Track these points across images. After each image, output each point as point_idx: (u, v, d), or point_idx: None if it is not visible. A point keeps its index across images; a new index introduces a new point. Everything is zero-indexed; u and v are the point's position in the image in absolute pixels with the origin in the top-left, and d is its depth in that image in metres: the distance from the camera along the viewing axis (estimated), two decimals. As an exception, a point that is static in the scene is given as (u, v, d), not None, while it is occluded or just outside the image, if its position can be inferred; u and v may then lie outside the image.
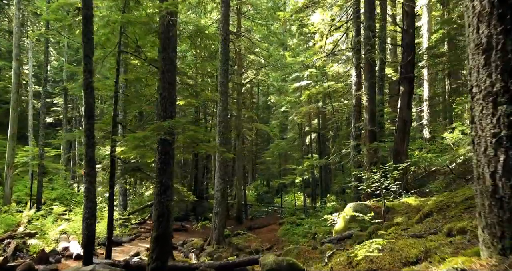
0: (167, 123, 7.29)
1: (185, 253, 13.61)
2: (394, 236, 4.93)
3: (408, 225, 6.76)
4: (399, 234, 5.20)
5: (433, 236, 4.44)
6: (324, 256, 6.21)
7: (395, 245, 4.30)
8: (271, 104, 35.95)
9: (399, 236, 5.00)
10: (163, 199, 7.59)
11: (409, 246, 4.00)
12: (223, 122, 15.12)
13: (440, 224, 5.34)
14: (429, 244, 3.87)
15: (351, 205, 9.65)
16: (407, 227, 5.94)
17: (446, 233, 4.04)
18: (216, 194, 15.04)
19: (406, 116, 13.29)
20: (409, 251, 3.82)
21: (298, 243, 16.11)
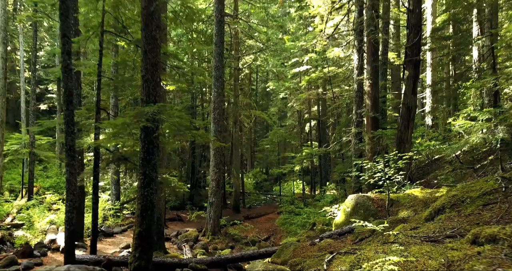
0: (149, 108, 6.52)
1: (179, 244, 13.00)
2: (404, 239, 4.22)
3: (417, 222, 6.05)
4: (408, 236, 4.49)
5: (453, 241, 3.73)
6: (323, 260, 5.51)
7: (406, 252, 3.59)
8: (270, 91, 35.03)
9: (409, 238, 4.29)
10: (146, 192, 6.87)
11: (425, 256, 3.28)
12: (218, 109, 14.34)
13: (456, 223, 4.62)
14: (451, 254, 3.15)
15: (352, 197, 8.95)
16: (417, 225, 5.23)
17: (470, 240, 3.32)
18: (211, 184, 14.36)
19: (410, 102, 12.48)
20: (426, 263, 3.10)
21: (296, 233, 15.52)
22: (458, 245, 3.38)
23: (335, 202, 16.58)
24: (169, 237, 13.84)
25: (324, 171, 26.09)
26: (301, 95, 22.15)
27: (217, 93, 14.28)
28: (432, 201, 7.51)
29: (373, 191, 9.71)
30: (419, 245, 3.70)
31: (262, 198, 27.74)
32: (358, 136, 13.10)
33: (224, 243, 13.88)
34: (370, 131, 12.53)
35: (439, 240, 3.88)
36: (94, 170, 9.11)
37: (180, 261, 8.36)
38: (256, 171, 32.93)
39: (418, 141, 17.62)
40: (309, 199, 19.50)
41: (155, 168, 7.02)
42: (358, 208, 8.59)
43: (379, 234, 6.65)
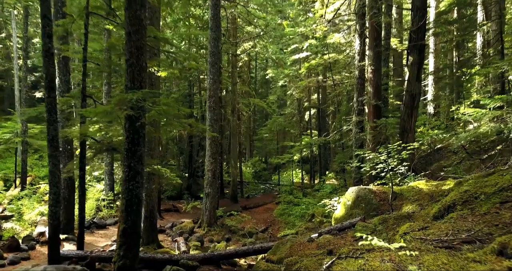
0: (132, 95, 5.92)
1: (173, 237, 12.56)
2: (414, 243, 3.69)
3: (423, 219, 5.52)
4: (418, 239, 3.96)
5: (472, 249, 3.19)
6: (322, 260, 5.00)
7: (418, 262, 3.05)
8: (269, 79, 34.30)
9: (419, 243, 3.76)
10: (132, 186, 6.33)
11: (442, 269, 2.75)
12: (213, 97, 13.73)
13: (471, 224, 4.08)
14: (473, 267, 2.61)
15: (353, 190, 8.42)
16: (425, 224, 4.69)
17: (496, 250, 2.78)
18: (207, 174, 13.84)
19: (414, 89, 11.86)
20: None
21: (294, 225, 15.08)
22: (480, 255, 2.84)
23: (335, 193, 16.12)
24: (164, 229, 13.39)
25: (323, 160, 25.60)
26: (301, 83, 21.48)
27: (213, 80, 13.64)
28: (439, 195, 6.99)
29: (374, 183, 9.18)
30: (433, 253, 3.16)
31: (261, 187, 27.29)
32: (359, 124, 12.52)
33: (221, 235, 13.43)
34: (372, 120, 11.95)
35: (455, 246, 3.35)
36: (80, 161, 8.57)
37: (171, 257, 7.88)
38: (255, 160, 32.44)
39: (420, 130, 17.03)
40: (308, 189, 19.03)
41: (141, 160, 6.46)
42: (359, 202, 8.07)
43: (382, 231, 6.14)
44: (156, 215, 11.11)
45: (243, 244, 12.77)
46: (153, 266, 7.89)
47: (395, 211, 7.24)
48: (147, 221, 10.80)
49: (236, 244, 12.99)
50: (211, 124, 13.66)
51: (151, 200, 10.88)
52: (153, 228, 10.94)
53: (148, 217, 10.80)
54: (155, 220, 11.06)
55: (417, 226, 4.71)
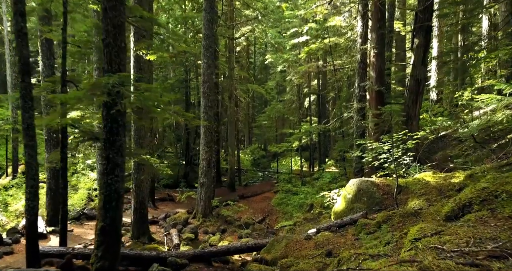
0: (107, 79, 5.23)
1: (166, 228, 12.01)
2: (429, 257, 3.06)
3: (433, 218, 4.91)
4: (432, 248, 3.34)
5: (505, 268, 2.57)
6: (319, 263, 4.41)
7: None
8: (268, 64, 33.38)
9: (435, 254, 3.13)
10: (110, 180, 5.70)
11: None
12: (208, 82, 13.00)
13: (494, 230, 3.45)
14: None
15: (354, 182, 7.80)
16: (439, 227, 4.05)
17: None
18: (201, 163, 13.22)
19: (420, 74, 11.14)
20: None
21: (292, 215, 14.54)
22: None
23: (334, 182, 15.53)
24: (157, 220, 12.84)
25: (323, 147, 24.97)
26: (301, 68, 20.67)
27: (207, 64, 12.89)
28: (449, 189, 6.36)
29: (377, 174, 8.55)
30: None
31: (259, 175, 26.75)
32: (360, 111, 11.83)
33: (216, 226, 12.89)
34: (375, 107, 11.26)
35: (482, 264, 2.72)
36: (61, 150, 7.93)
37: (159, 254, 7.31)
38: (254, 147, 31.83)
39: (423, 117, 16.33)
40: (307, 177, 18.45)
41: (121, 151, 5.81)
42: (361, 195, 7.45)
43: (387, 231, 5.53)
44: (146, 206, 10.53)
45: (239, 236, 12.26)
46: (139, 263, 7.34)
47: (400, 206, 6.62)
48: (137, 213, 10.24)
49: (232, 235, 12.47)
50: (205, 112, 12.97)
51: (141, 191, 10.28)
52: (143, 220, 10.38)
53: (138, 209, 10.23)
54: (146, 212, 10.49)
55: (430, 230, 4.07)
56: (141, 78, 10.15)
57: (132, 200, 10.35)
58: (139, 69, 10.10)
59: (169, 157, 28.46)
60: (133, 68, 10.12)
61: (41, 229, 10.21)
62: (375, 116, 11.05)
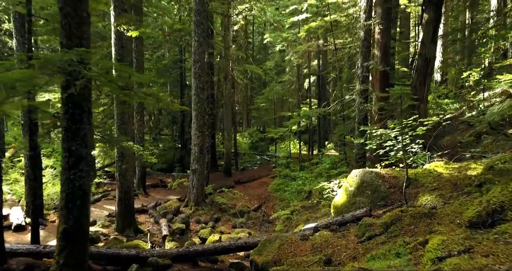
0: (62, 56, 4.29)
1: (156, 218, 11.27)
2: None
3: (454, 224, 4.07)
4: None
5: None
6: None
7: None
8: (267, 44, 32.08)
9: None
10: (73, 176, 4.84)
11: None
12: (199, 62, 12.00)
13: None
14: None
15: (356, 173, 6.95)
16: (466, 242, 3.21)
17: None
18: (193, 149, 12.38)
19: (429, 52, 10.15)
20: None
21: (290, 202, 13.79)
22: None
23: (334, 167, 14.73)
24: (146, 209, 12.09)
25: (323, 130, 24.05)
26: (300, 47, 19.53)
27: (198, 42, 11.85)
28: (466, 184, 5.50)
29: (381, 163, 7.67)
30: None
31: (257, 158, 25.97)
32: (363, 94, 10.86)
33: (209, 214, 12.16)
34: (379, 89, 10.30)
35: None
36: (30, 138, 7.05)
37: (139, 253, 6.54)
38: (252, 130, 30.91)
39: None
40: (306, 162, 17.63)
41: (85, 141, 4.92)
42: (364, 188, 6.61)
43: (396, 235, 4.71)
44: (132, 196, 9.74)
45: (233, 225, 11.55)
46: (118, 262, 6.58)
47: (409, 201, 5.78)
48: (121, 204, 9.45)
49: (226, 224, 11.75)
50: (196, 94, 12.02)
51: (126, 180, 9.46)
52: (129, 211, 9.61)
53: (122, 199, 9.45)
54: (131, 202, 9.70)
55: (454, 244, 3.23)
56: (123, 58, 9.19)
57: (116, 190, 9.55)
58: (121, 47, 9.11)
59: (165, 139, 27.62)
60: (115, 46, 9.12)
61: (19, 221, 9.46)
62: (380, 99, 10.12)
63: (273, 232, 11.22)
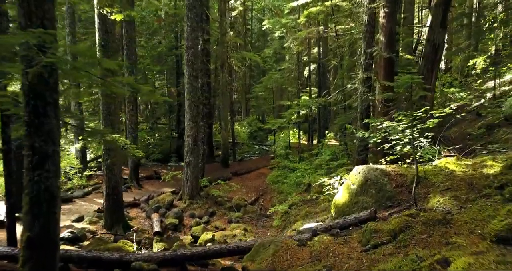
0: (17, 39, 3.62)
1: (148, 212, 10.71)
2: None
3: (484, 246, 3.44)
4: None
5: None
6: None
7: None
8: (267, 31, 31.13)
9: None
10: (38, 176, 4.19)
11: None
12: (192, 48, 11.26)
13: None
14: None
15: (359, 170, 6.32)
16: (499, 268, 2.62)
17: None
18: (187, 140, 11.75)
19: (438, 38, 9.43)
20: None
21: (288, 195, 13.23)
22: None
23: (335, 159, 14.11)
24: (138, 203, 11.53)
25: (323, 119, 23.35)
26: (300, 34, 18.70)
27: (191, 28, 11.10)
28: (485, 185, 4.88)
29: (386, 158, 7.02)
30: None
31: (256, 148, 25.37)
32: (366, 82, 10.17)
33: (204, 208, 11.61)
34: (384, 76, 9.60)
35: None
36: (2, 131, 6.41)
37: (121, 257, 5.96)
38: (251, 119, 30.19)
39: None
40: (305, 153, 17.02)
41: (52, 138, 4.26)
42: (368, 186, 5.99)
43: (407, 246, 4.10)
44: (120, 191, 9.14)
45: (228, 220, 11.00)
46: (99, 266, 6.02)
47: (419, 202, 5.17)
48: (109, 199, 8.86)
49: (221, 219, 11.20)
50: (189, 82, 11.33)
51: (114, 174, 8.85)
52: (117, 207, 9.02)
53: (110, 195, 8.85)
54: (120, 197, 9.10)
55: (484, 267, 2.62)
56: (108, 43, 8.48)
57: (103, 185, 8.95)
58: (106, 32, 8.38)
59: (162, 129, 26.94)
60: (98, 31, 8.40)
61: (1, 217, 8.90)
62: (384, 88, 9.43)
63: (270, 227, 10.69)
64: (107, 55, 8.50)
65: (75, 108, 13.29)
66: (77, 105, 13.42)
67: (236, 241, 7.49)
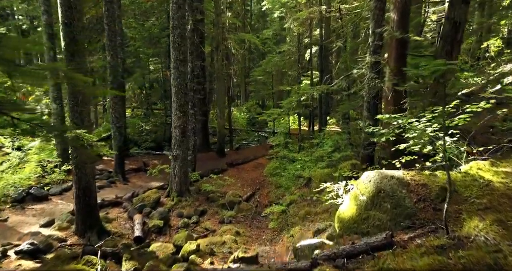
0: None
1: (131, 213, 9.55)
2: None
3: None
4: None
5: None
6: None
7: None
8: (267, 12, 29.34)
9: None
10: None
11: None
12: (178, 28, 9.86)
13: None
14: None
15: (370, 177, 5.06)
16: None
17: None
18: (174, 132, 10.49)
19: (459, 15, 7.99)
20: None
21: (287, 190, 12.06)
22: None
23: (337, 151, 12.84)
24: (121, 201, 10.34)
25: (324, 105, 21.95)
26: (300, 14, 17.13)
27: (177, 4, 9.67)
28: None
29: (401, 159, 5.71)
30: None
31: (255, 135, 24.10)
32: (375, 67, 8.79)
33: (193, 206, 10.45)
34: (395, 60, 8.23)
35: None
36: None
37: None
38: (250, 104, 28.82)
39: None
40: (305, 143, 15.73)
41: None
42: (382, 199, 4.75)
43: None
44: (94, 191, 7.92)
45: (220, 220, 9.87)
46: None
47: (450, 225, 3.92)
48: (80, 202, 7.67)
49: (212, 218, 10.05)
50: (176, 67, 9.97)
51: (85, 173, 7.63)
52: (90, 210, 7.83)
53: (81, 197, 7.65)
54: (93, 199, 7.90)
55: None
56: (73, 22, 7.11)
57: (73, 186, 7.74)
58: (69, 8, 6.99)
59: (158, 114, 25.62)
60: (60, 7, 7.02)
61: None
62: (395, 73, 8.07)
63: (266, 229, 9.54)
64: (71, 36, 7.16)
65: (51, 101, 11.95)
66: (57, 98, 12.01)
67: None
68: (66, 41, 7.19)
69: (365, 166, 8.46)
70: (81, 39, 7.39)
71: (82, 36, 7.50)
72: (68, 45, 7.21)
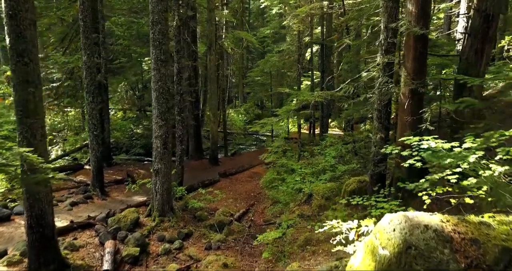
0: None
1: (103, 237, 8.14)
2: None
3: None
4: None
5: None
6: None
7: None
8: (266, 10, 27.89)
9: None
10: None
11: None
12: (159, 24, 8.46)
13: None
14: None
15: (394, 223, 3.62)
16: None
17: None
18: (154, 143, 9.09)
19: (491, 7, 6.58)
20: None
21: (285, 207, 10.65)
22: None
23: (341, 162, 11.44)
24: (93, 222, 8.91)
25: (326, 107, 20.52)
26: (300, 10, 15.67)
27: (156, -5, 8.25)
28: None
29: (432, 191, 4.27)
30: None
31: (253, 138, 22.72)
32: (387, 69, 7.36)
33: (177, 227, 9.05)
34: (413, 61, 6.81)
35: None
36: None
37: None
38: (248, 105, 27.40)
39: (434, 72, 11.76)
40: (305, 151, 14.28)
41: None
42: (413, 259, 3.32)
43: None
44: (50, 221, 6.51)
45: (206, 246, 8.48)
46: None
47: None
48: (33, 234, 6.27)
49: (197, 244, 8.65)
50: (157, 68, 8.57)
51: (38, 198, 6.22)
52: (46, 243, 6.42)
53: (34, 227, 6.25)
54: (49, 229, 6.49)
55: None
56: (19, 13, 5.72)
57: (24, 214, 6.34)
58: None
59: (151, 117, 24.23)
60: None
61: None
62: (414, 76, 6.66)
63: (259, 257, 8.13)
64: (17, 31, 5.77)
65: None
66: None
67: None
68: (12, 37, 5.81)
69: (376, 187, 7.04)
70: (32, 35, 5.99)
71: (34, 32, 6.09)
72: (15, 42, 5.83)
